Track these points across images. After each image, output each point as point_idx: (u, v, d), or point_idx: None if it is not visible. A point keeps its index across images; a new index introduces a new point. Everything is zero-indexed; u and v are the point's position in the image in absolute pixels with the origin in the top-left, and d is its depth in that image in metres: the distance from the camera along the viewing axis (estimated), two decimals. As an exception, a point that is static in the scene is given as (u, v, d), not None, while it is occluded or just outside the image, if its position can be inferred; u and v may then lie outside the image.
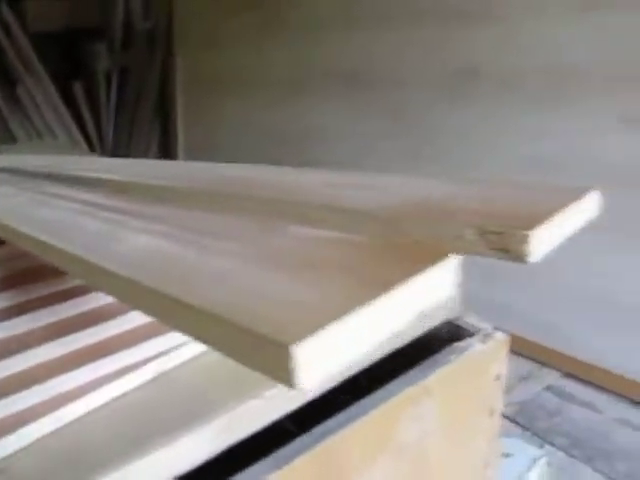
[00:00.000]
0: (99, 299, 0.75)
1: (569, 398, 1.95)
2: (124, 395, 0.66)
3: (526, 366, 2.10)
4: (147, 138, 4.27)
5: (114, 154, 4.37)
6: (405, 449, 0.76)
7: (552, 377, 2.05)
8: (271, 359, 0.26)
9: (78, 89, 4.32)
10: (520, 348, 2.15)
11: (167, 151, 4.20)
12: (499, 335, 0.86)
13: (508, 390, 2.00)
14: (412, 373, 0.76)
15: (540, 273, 2.11)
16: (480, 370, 0.85)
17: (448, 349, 0.81)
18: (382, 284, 0.28)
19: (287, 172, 0.71)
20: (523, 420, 1.81)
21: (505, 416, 1.86)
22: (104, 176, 0.80)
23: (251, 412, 0.64)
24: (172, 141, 4.13)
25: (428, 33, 2.33)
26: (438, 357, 0.80)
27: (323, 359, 0.26)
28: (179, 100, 3.96)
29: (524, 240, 0.37)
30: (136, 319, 0.71)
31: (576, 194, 0.44)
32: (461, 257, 0.35)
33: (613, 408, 1.90)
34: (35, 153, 2.50)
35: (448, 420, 0.82)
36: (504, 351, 0.88)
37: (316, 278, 0.31)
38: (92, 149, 4.40)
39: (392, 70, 2.52)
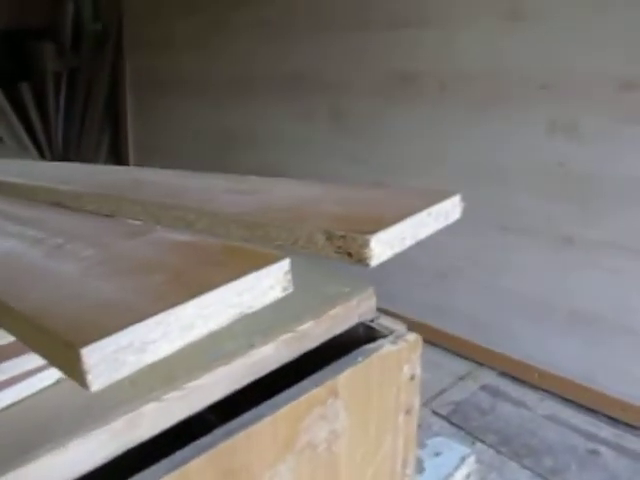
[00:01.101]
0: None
1: (502, 396, 1.99)
2: (24, 400, 0.65)
3: (464, 366, 2.14)
4: (97, 140, 4.21)
5: (64, 157, 4.29)
6: (314, 449, 0.77)
7: (488, 377, 2.10)
8: (67, 360, 0.27)
9: (26, 90, 4.23)
10: (459, 349, 2.19)
11: (118, 153, 4.15)
12: (411, 336, 0.88)
13: (445, 390, 2.05)
14: (319, 374, 0.77)
15: (480, 277, 2.16)
16: (391, 371, 0.86)
17: (358, 351, 0.83)
18: (197, 287, 0.29)
19: (191, 176, 0.71)
20: (457, 419, 1.85)
21: (440, 416, 1.90)
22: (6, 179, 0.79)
23: (149, 415, 0.64)
24: (122, 143, 4.08)
25: (369, 39, 2.36)
26: (347, 359, 0.81)
27: (118, 360, 0.27)
28: (129, 101, 3.92)
29: (365, 244, 0.38)
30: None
31: (434, 198, 0.46)
32: (287, 263, 0.35)
33: (543, 405, 1.95)
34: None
35: (359, 420, 0.84)
36: (417, 352, 0.90)
37: (141, 282, 0.32)
38: (41, 152, 4.31)
39: (335, 74, 2.54)
